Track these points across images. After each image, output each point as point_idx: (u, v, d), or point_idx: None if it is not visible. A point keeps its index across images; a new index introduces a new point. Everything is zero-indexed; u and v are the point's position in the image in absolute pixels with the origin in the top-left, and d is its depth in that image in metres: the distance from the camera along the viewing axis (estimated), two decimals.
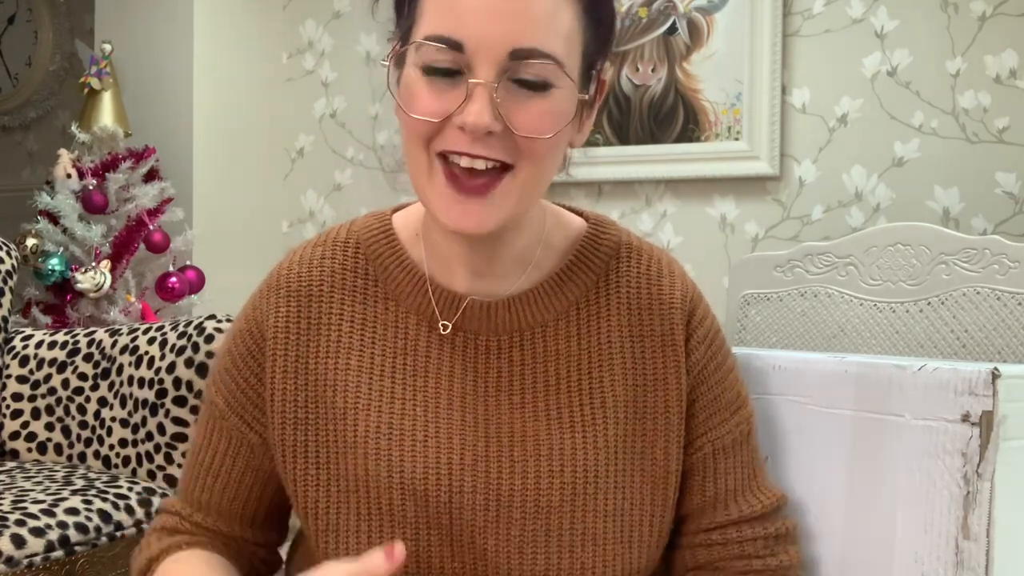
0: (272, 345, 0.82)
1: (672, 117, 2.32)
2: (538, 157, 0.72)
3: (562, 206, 0.89)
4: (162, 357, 1.68)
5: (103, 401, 1.75)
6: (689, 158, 2.30)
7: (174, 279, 2.29)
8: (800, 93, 2.21)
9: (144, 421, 1.68)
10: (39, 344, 1.86)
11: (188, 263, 2.38)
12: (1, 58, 3.44)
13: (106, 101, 2.40)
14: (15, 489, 1.53)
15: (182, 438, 1.66)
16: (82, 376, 1.79)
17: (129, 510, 1.57)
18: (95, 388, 1.77)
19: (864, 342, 1.59)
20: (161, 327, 1.75)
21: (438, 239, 0.81)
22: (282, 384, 0.81)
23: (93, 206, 2.27)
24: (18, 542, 1.36)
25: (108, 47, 2.46)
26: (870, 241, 1.62)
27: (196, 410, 1.65)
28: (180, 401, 1.64)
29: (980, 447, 0.69)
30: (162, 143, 2.48)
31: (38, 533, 1.39)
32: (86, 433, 1.77)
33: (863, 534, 0.80)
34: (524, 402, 0.79)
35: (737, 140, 2.25)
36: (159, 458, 1.67)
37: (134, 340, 1.76)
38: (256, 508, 0.87)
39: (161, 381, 1.66)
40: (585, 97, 0.74)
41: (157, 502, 1.63)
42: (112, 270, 2.24)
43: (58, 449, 1.79)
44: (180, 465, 1.66)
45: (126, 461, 1.71)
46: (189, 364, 1.64)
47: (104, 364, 1.77)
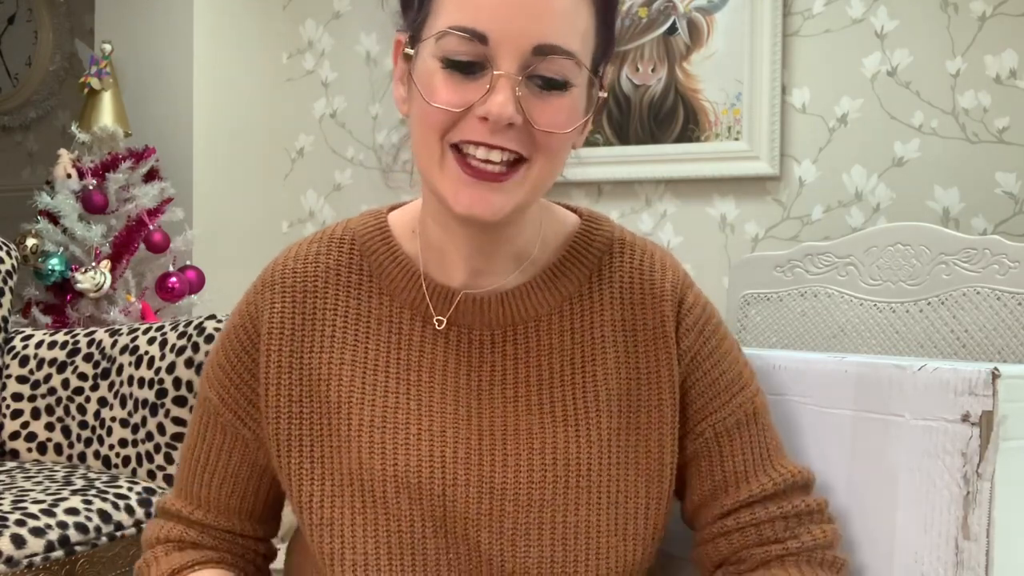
0: (267, 341, 0.82)
1: (672, 117, 2.32)
2: (553, 152, 0.73)
3: (558, 204, 0.89)
4: (162, 357, 1.68)
5: (103, 401, 1.75)
6: (689, 158, 2.30)
7: (174, 279, 2.29)
8: (800, 93, 2.21)
9: (144, 421, 1.68)
10: (39, 344, 1.86)
11: (188, 263, 2.38)
12: (1, 58, 3.44)
13: (106, 101, 2.40)
14: (15, 489, 1.53)
15: (182, 438, 1.65)
16: (82, 376, 1.79)
17: (129, 510, 1.57)
18: (95, 388, 1.77)
19: (864, 342, 1.59)
20: (161, 327, 1.75)
21: (437, 234, 0.81)
22: (276, 379, 0.82)
23: (93, 206, 2.27)
24: (18, 542, 1.36)
25: (108, 47, 2.46)
26: (870, 241, 1.62)
27: None
28: (180, 401, 1.64)
29: (980, 447, 0.69)
30: (162, 143, 2.48)
31: (38, 533, 1.39)
32: (86, 433, 1.77)
33: (863, 534, 0.80)
34: (517, 396, 0.80)
35: (737, 140, 2.25)
36: (159, 458, 1.67)
37: (134, 340, 1.76)
38: (254, 502, 0.88)
39: (161, 381, 1.66)
40: (605, 96, 0.76)
41: (157, 502, 1.63)
42: (112, 270, 2.24)
43: (58, 449, 1.79)
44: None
45: (126, 461, 1.71)
46: (189, 364, 1.64)
47: (104, 364, 1.77)
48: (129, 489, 1.60)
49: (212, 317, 1.69)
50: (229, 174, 2.68)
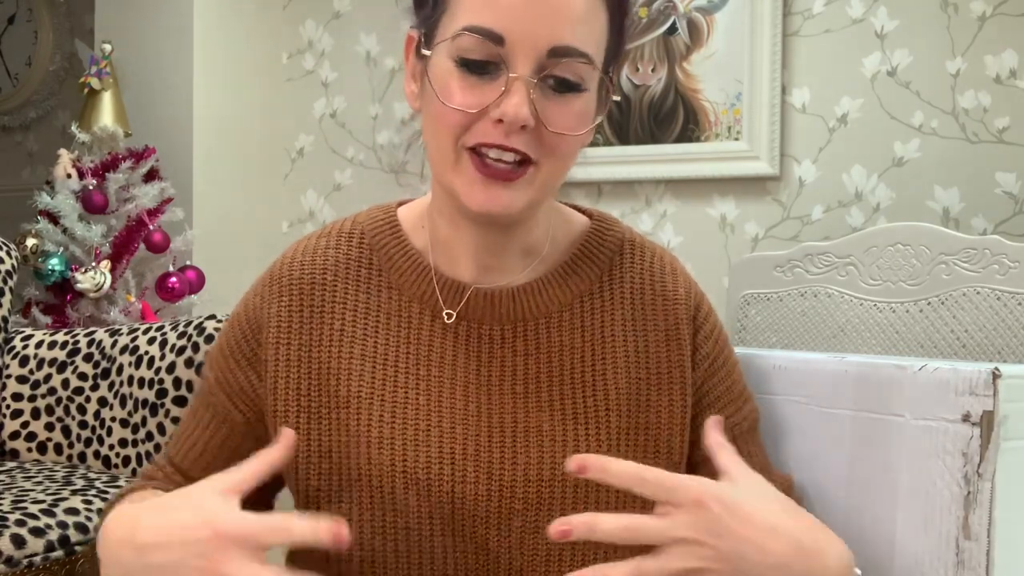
0: (274, 335, 0.82)
1: (672, 117, 2.32)
2: (563, 154, 0.74)
3: (568, 205, 0.90)
4: (162, 357, 1.68)
5: (103, 401, 1.75)
6: (689, 158, 2.30)
7: (174, 279, 2.29)
8: (800, 93, 2.21)
9: (144, 421, 1.68)
10: (39, 344, 1.86)
11: (188, 263, 2.38)
12: (1, 58, 3.44)
13: (106, 101, 2.40)
14: (15, 489, 1.53)
15: None
16: (82, 376, 1.79)
17: None
18: (95, 388, 1.77)
19: (864, 342, 1.59)
20: (161, 327, 1.75)
21: (446, 230, 0.82)
22: (285, 373, 0.81)
23: (93, 206, 2.27)
24: (18, 542, 1.36)
25: (108, 47, 2.46)
26: (870, 241, 1.62)
27: None
28: (180, 401, 1.64)
29: (980, 447, 0.69)
30: (162, 143, 2.48)
31: (38, 533, 1.39)
32: (86, 433, 1.77)
33: (864, 534, 0.80)
34: (527, 392, 0.80)
35: (737, 140, 2.25)
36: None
37: (134, 340, 1.76)
38: None
39: (161, 381, 1.66)
40: (617, 99, 0.77)
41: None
42: (112, 270, 2.24)
43: (58, 449, 1.79)
44: None
45: (126, 461, 1.71)
46: (189, 364, 1.64)
47: (104, 364, 1.77)
48: None
49: (212, 317, 1.69)
50: (229, 174, 2.68)
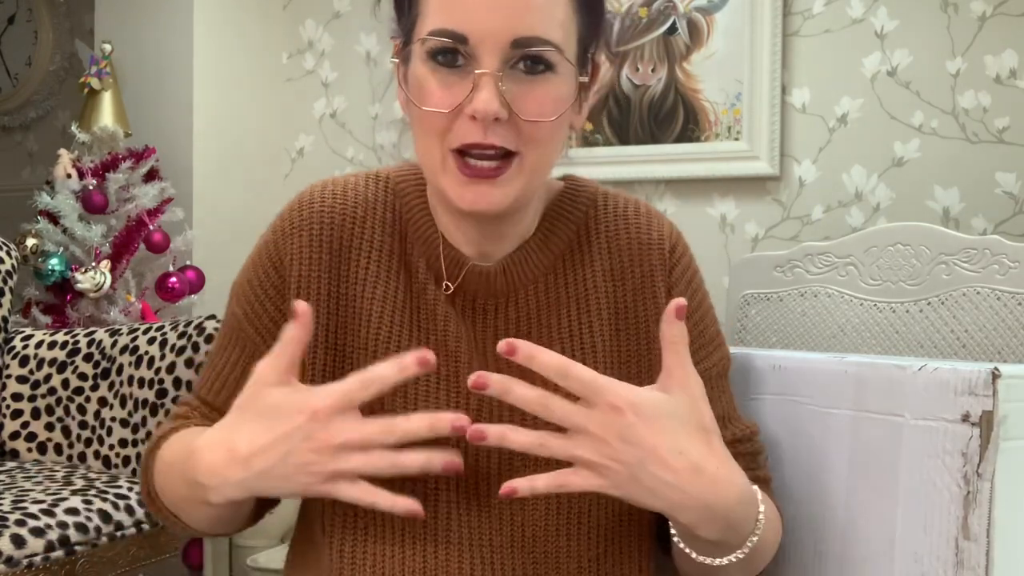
0: (299, 268, 0.83)
1: (672, 117, 2.32)
2: (542, 142, 0.75)
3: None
4: (162, 357, 1.68)
5: (103, 401, 1.75)
6: (689, 158, 2.30)
7: (174, 279, 2.29)
8: (800, 93, 2.21)
9: (144, 421, 1.68)
10: (39, 344, 1.86)
11: (188, 263, 2.37)
12: (1, 58, 3.44)
13: (106, 101, 2.40)
14: (15, 489, 1.53)
15: None
16: (82, 376, 1.79)
17: (129, 510, 1.57)
18: (95, 388, 1.77)
19: (864, 342, 1.59)
20: (161, 327, 1.75)
21: (445, 220, 0.85)
22: (314, 307, 0.82)
23: (93, 206, 2.27)
24: (18, 542, 1.36)
25: (108, 47, 2.46)
26: (870, 241, 1.62)
27: None
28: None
29: (980, 447, 0.69)
30: (162, 143, 2.48)
31: (38, 533, 1.39)
32: (86, 433, 1.77)
33: (863, 534, 0.80)
34: None
35: (737, 140, 2.25)
36: None
37: (134, 340, 1.76)
38: None
39: (161, 381, 1.66)
40: (584, 80, 0.78)
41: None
42: (112, 270, 2.24)
43: (58, 449, 1.79)
44: None
45: (126, 461, 1.71)
46: (189, 364, 1.64)
47: (104, 364, 1.77)
48: (129, 489, 1.60)
49: (212, 317, 1.69)
50: (229, 174, 2.67)
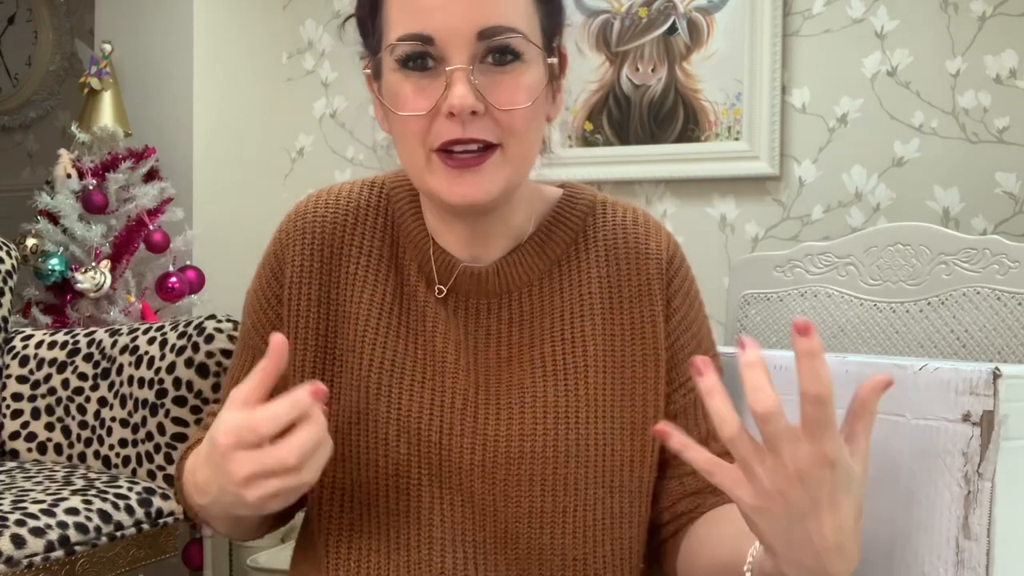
0: (293, 273, 0.86)
1: (672, 117, 2.32)
2: (520, 130, 0.77)
3: (544, 183, 0.93)
4: (162, 357, 1.68)
5: (103, 401, 1.75)
6: (689, 158, 2.30)
7: (174, 279, 2.29)
8: (800, 93, 2.21)
9: (144, 421, 1.68)
10: (39, 344, 1.86)
11: (188, 263, 2.37)
12: (1, 58, 3.44)
13: (106, 101, 2.40)
14: (15, 489, 1.53)
15: (182, 438, 1.65)
16: (82, 376, 1.79)
17: (129, 510, 1.57)
18: (95, 388, 1.77)
19: (864, 342, 1.59)
20: (161, 327, 1.75)
21: (436, 224, 0.86)
22: (306, 311, 0.85)
23: (93, 206, 2.27)
24: (18, 542, 1.36)
25: (108, 47, 2.46)
26: (870, 241, 1.62)
27: (196, 410, 1.65)
28: (180, 401, 1.65)
29: (981, 447, 0.69)
30: (162, 143, 2.48)
31: (38, 533, 1.39)
32: (86, 433, 1.77)
33: (863, 533, 0.80)
34: (511, 356, 0.84)
35: (737, 140, 2.25)
36: (159, 458, 1.67)
37: (134, 340, 1.76)
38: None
39: (161, 381, 1.66)
40: (553, 62, 0.79)
41: (157, 502, 1.63)
42: (112, 270, 2.24)
43: (58, 449, 1.79)
44: None
45: (126, 461, 1.71)
46: (189, 364, 1.64)
47: (104, 364, 1.77)
48: (129, 489, 1.60)
49: (212, 317, 1.69)
50: (229, 174, 2.67)
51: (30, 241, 2.28)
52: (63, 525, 1.44)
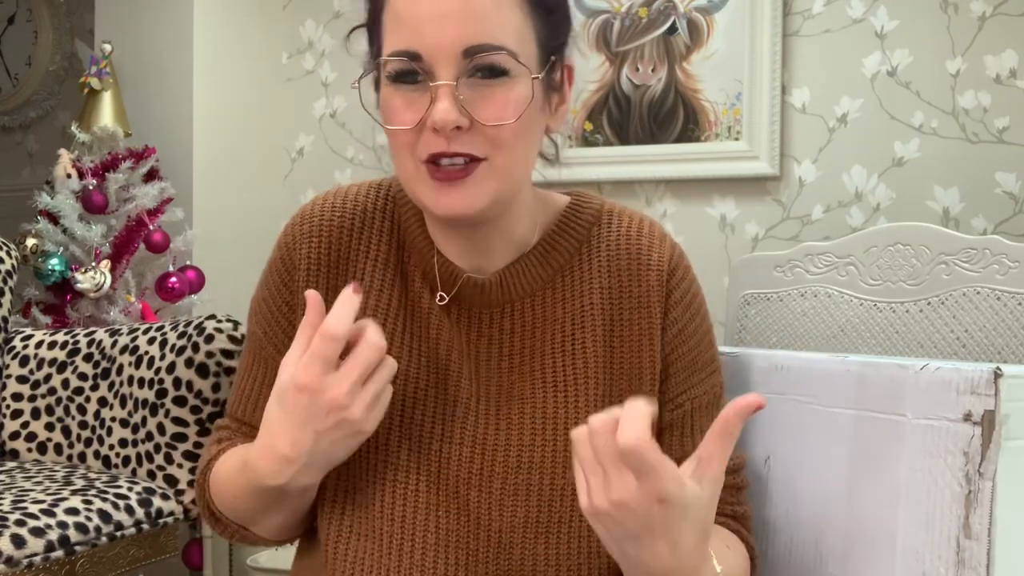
0: (304, 277, 0.86)
1: (672, 117, 2.32)
2: (507, 145, 0.76)
3: (555, 191, 0.92)
4: (162, 357, 1.68)
5: (103, 401, 1.75)
6: (689, 158, 2.30)
7: (174, 279, 2.29)
8: (800, 93, 2.21)
9: (144, 421, 1.68)
10: (39, 344, 1.86)
11: (188, 263, 2.37)
12: (1, 58, 3.44)
13: (106, 101, 2.40)
14: (15, 489, 1.53)
15: (182, 438, 1.66)
16: (82, 376, 1.79)
17: (129, 510, 1.57)
18: (95, 388, 1.77)
19: (864, 342, 1.59)
20: (161, 327, 1.75)
21: (437, 235, 0.86)
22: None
23: (93, 206, 2.27)
24: (18, 542, 1.36)
25: (108, 47, 2.46)
26: (870, 241, 1.62)
27: (196, 410, 1.65)
28: (180, 401, 1.64)
29: (982, 446, 0.69)
30: (162, 143, 2.48)
31: (38, 533, 1.39)
32: (86, 433, 1.77)
33: (865, 533, 0.80)
34: (512, 366, 0.84)
35: (737, 140, 2.25)
36: (159, 458, 1.67)
37: (134, 340, 1.76)
38: None
39: (161, 381, 1.66)
40: (539, 77, 0.78)
41: (157, 502, 1.63)
42: (112, 270, 2.24)
43: (58, 449, 1.79)
44: (180, 465, 1.66)
45: (126, 461, 1.71)
46: (189, 364, 1.64)
47: (104, 364, 1.77)
48: (129, 489, 1.60)
49: (212, 317, 1.69)
50: (229, 174, 2.67)
51: (30, 241, 2.28)
52: (63, 525, 1.44)
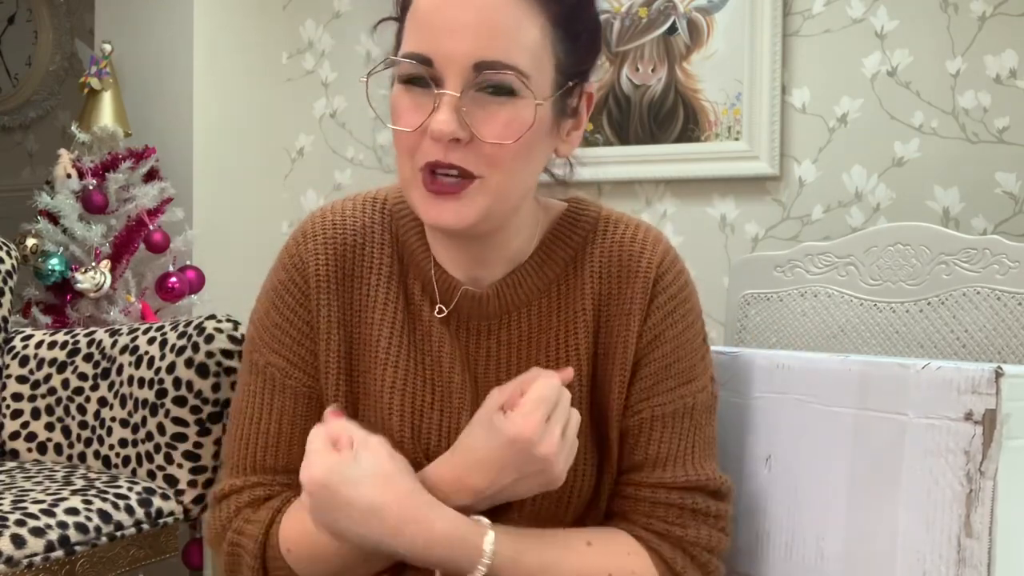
0: (316, 293, 0.85)
1: (672, 117, 2.32)
2: (504, 165, 0.75)
3: (555, 198, 0.92)
4: (162, 357, 1.68)
5: (103, 401, 1.75)
6: (689, 158, 2.30)
7: (174, 279, 2.29)
8: (800, 93, 2.21)
9: (144, 421, 1.68)
10: (39, 344, 1.86)
11: (188, 263, 2.37)
12: (1, 58, 3.44)
13: (106, 101, 2.40)
14: (15, 489, 1.53)
15: (182, 438, 1.65)
16: (82, 376, 1.79)
17: (129, 510, 1.57)
18: (95, 388, 1.77)
19: (864, 342, 1.59)
20: (161, 327, 1.75)
21: (436, 245, 0.87)
22: (327, 332, 0.85)
23: (93, 206, 2.27)
24: (18, 542, 1.36)
25: (108, 47, 2.46)
26: (870, 241, 1.62)
27: (196, 410, 1.65)
28: (180, 401, 1.64)
29: (983, 446, 0.69)
30: (162, 143, 2.48)
31: (38, 533, 1.39)
32: (86, 433, 1.77)
33: (866, 532, 0.80)
34: (510, 375, 0.84)
35: (737, 140, 2.25)
36: (159, 458, 1.67)
37: (134, 340, 1.76)
38: None
39: (161, 381, 1.66)
40: (542, 104, 0.76)
41: (157, 502, 1.63)
42: (112, 270, 2.24)
43: (58, 449, 1.79)
44: (180, 465, 1.66)
45: (126, 461, 1.71)
46: (189, 364, 1.64)
47: (104, 364, 1.77)
48: (129, 489, 1.60)
49: (212, 317, 1.69)
50: (229, 174, 2.67)
51: (30, 241, 2.28)
52: (63, 525, 1.44)
